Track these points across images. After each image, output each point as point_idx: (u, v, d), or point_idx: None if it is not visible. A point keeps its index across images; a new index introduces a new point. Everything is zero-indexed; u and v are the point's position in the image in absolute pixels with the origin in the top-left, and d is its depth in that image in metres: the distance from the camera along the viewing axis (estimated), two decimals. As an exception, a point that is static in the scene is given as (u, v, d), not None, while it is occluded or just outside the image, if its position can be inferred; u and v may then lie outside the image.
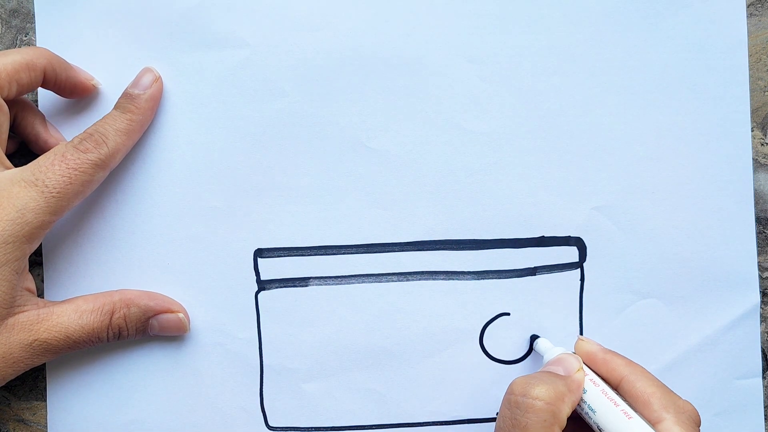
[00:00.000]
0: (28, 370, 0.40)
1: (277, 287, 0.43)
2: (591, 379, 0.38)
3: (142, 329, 0.42)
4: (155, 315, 0.42)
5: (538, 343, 0.42)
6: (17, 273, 0.38)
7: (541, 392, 0.36)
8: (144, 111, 0.41)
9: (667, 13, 0.43)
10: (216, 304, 0.43)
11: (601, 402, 0.37)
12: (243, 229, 0.43)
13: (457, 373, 0.43)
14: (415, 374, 0.43)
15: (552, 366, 0.39)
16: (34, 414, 0.44)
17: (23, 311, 0.39)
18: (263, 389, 0.43)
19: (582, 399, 0.38)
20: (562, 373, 0.38)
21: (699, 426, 0.37)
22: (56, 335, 0.39)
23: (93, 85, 0.42)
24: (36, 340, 0.39)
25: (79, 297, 0.41)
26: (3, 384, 0.39)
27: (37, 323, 0.39)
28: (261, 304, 0.43)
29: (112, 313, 0.41)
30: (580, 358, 0.39)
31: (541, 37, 0.43)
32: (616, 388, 0.38)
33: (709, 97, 0.43)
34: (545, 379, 0.37)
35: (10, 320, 0.38)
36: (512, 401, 0.36)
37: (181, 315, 0.42)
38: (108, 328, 0.40)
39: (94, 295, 0.41)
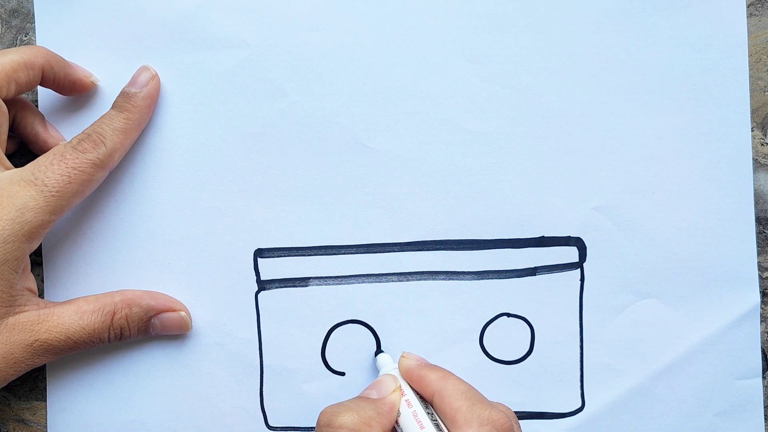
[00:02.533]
0: (28, 371, 0.40)
1: (277, 287, 0.43)
2: (407, 400, 0.38)
3: (144, 329, 0.42)
4: (157, 314, 0.42)
5: (378, 359, 0.42)
6: (16, 272, 0.38)
7: (344, 420, 0.35)
8: (141, 109, 0.41)
9: (667, 13, 0.43)
10: (216, 304, 0.43)
11: (410, 425, 0.37)
12: (243, 229, 0.43)
13: (457, 373, 0.43)
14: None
15: (368, 390, 0.39)
16: (34, 414, 0.44)
17: (24, 311, 0.39)
18: (263, 389, 0.43)
19: (397, 422, 0.37)
20: (375, 396, 0.38)
21: None
22: (57, 336, 0.39)
23: (92, 81, 0.42)
24: (37, 340, 0.39)
25: (80, 298, 0.41)
26: (4, 385, 0.39)
27: (38, 323, 0.39)
28: (261, 304, 0.43)
29: (114, 314, 0.41)
30: (397, 379, 0.39)
31: (541, 37, 0.43)
32: (432, 403, 0.38)
33: (709, 97, 0.43)
34: (352, 405, 0.36)
35: (11, 320, 0.38)
36: None
37: (183, 313, 0.42)
38: (110, 329, 0.40)
39: (95, 296, 0.41)
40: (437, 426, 0.37)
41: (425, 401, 0.38)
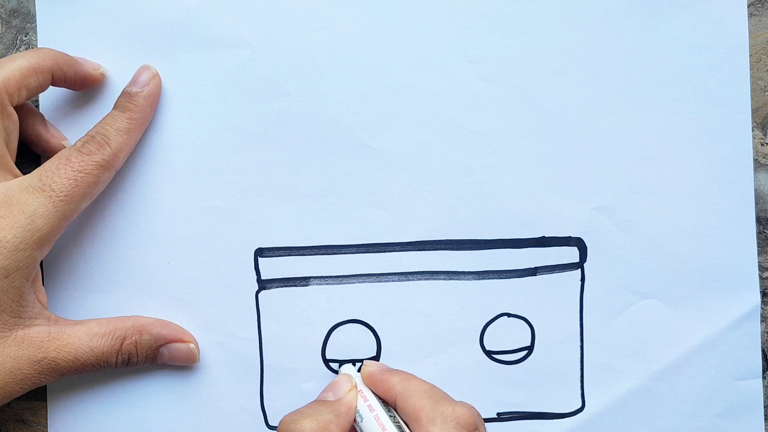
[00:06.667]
0: (33, 389, 0.40)
1: (277, 287, 0.43)
2: (369, 405, 0.38)
3: (152, 357, 0.42)
4: (166, 343, 0.42)
5: (341, 369, 0.42)
6: (27, 281, 0.38)
7: (302, 426, 0.36)
8: (143, 108, 0.41)
9: (668, 14, 0.43)
10: (216, 304, 0.43)
11: (372, 428, 0.37)
12: (244, 228, 0.43)
13: (457, 373, 0.43)
14: (415, 374, 0.43)
15: (324, 392, 0.39)
16: (34, 414, 0.44)
17: (34, 325, 0.39)
18: (263, 389, 0.43)
19: (359, 426, 0.38)
20: (332, 398, 0.38)
21: (473, 428, 0.36)
22: (65, 356, 0.39)
23: (101, 73, 0.42)
24: (45, 358, 0.39)
25: (92, 320, 0.41)
26: (6, 402, 0.39)
27: (48, 341, 0.39)
28: (261, 303, 0.43)
29: (124, 339, 0.41)
30: (353, 378, 0.40)
31: (542, 37, 0.43)
32: (395, 407, 0.38)
33: (709, 98, 0.43)
34: (309, 411, 0.37)
35: (20, 333, 0.38)
36: None
37: (192, 345, 0.42)
38: (118, 354, 0.40)
39: (107, 320, 0.41)
40: (399, 428, 0.37)
41: (387, 405, 0.39)
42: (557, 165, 0.43)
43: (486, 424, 0.43)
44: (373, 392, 0.39)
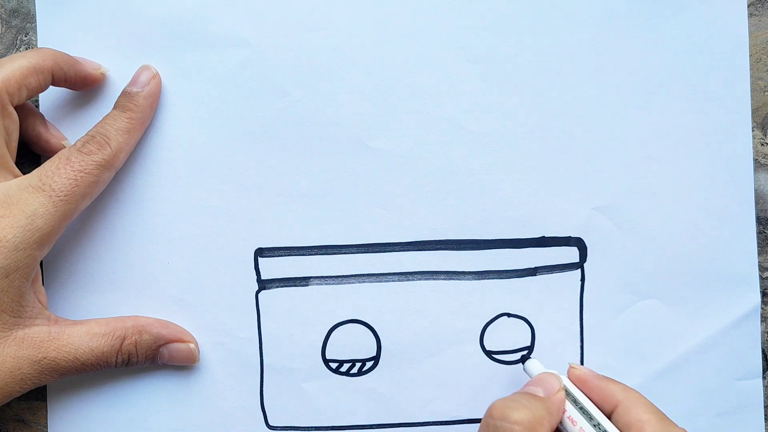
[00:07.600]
0: (33, 389, 0.40)
1: (277, 287, 0.43)
2: (582, 407, 0.38)
3: (152, 357, 0.42)
4: (166, 344, 0.42)
5: (529, 366, 0.41)
6: (27, 281, 0.38)
7: (519, 416, 0.35)
8: (143, 108, 0.41)
9: (669, 14, 0.43)
10: (216, 304, 0.43)
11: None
12: (244, 228, 0.43)
13: (457, 373, 0.43)
14: (415, 374, 0.43)
15: (532, 387, 0.38)
16: (34, 414, 0.44)
17: (34, 325, 0.39)
18: (263, 389, 0.43)
19: (569, 429, 0.37)
20: (542, 395, 0.38)
21: None
22: (65, 356, 0.39)
23: (101, 73, 0.42)
24: (45, 358, 0.39)
25: (92, 320, 0.41)
26: (6, 401, 0.39)
27: (48, 341, 0.39)
28: (261, 303, 0.43)
29: (124, 339, 0.41)
30: (560, 378, 0.39)
31: (542, 37, 0.43)
32: (609, 414, 0.38)
33: (709, 98, 0.43)
34: (524, 402, 0.36)
35: (20, 333, 0.38)
36: (491, 425, 0.35)
37: (192, 345, 0.42)
38: (118, 354, 0.41)
39: (106, 320, 0.41)
40: None
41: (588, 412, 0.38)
42: (557, 165, 0.43)
43: (486, 424, 0.43)
44: (584, 396, 0.38)
